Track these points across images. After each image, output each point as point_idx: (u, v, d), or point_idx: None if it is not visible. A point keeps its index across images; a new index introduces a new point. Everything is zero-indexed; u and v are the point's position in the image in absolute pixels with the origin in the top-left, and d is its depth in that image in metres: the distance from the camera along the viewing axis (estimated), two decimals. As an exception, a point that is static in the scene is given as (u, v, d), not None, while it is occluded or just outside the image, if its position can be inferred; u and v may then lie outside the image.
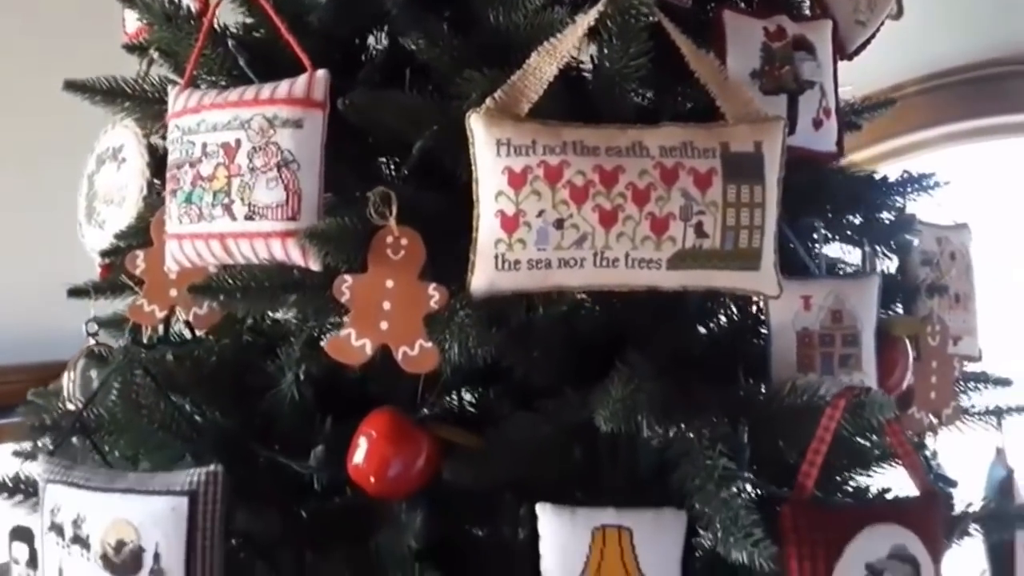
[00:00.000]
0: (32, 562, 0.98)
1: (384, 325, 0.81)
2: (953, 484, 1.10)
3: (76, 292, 1.12)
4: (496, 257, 0.79)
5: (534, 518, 0.82)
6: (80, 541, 0.77)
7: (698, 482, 0.79)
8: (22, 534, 0.98)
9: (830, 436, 0.80)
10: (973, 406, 1.17)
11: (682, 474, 0.82)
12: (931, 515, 0.82)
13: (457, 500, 0.86)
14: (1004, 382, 1.16)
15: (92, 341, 1.08)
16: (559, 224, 0.78)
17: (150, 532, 0.76)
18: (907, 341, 1.00)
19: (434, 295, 0.80)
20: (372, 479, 0.82)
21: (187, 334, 1.00)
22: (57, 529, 0.79)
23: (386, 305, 0.81)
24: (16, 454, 0.98)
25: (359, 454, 0.82)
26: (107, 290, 1.10)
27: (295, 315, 0.89)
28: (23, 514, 0.97)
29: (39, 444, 0.95)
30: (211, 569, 0.77)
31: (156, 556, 0.75)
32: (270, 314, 1.01)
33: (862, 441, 0.92)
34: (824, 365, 0.91)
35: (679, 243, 0.78)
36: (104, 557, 0.76)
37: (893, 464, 0.94)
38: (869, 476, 0.96)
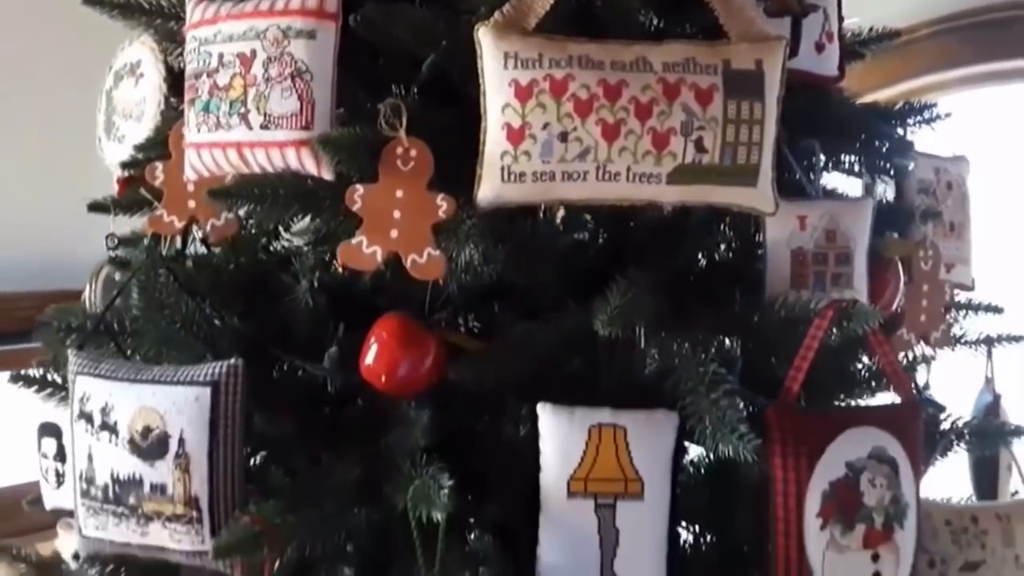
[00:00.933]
0: (60, 455, 1.03)
1: (394, 233, 0.84)
2: (941, 408, 1.15)
3: (96, 207, 1.15)
4: (502, 169, 0.82)
5: (534, 417, 0.87)
6: (108, 428, 0.83)
7: (690, 385, 0.84)
8: (50, 430, 1.04)
9: (816, 344, 0.84)
10: (964, 334, 1.21)
11: (675, 380, 0.86)
12: (912, 422, 0.87)
13: (462, 401, 0.91)
14: (995, 309, 1.20)
15: (112, 255, 1.11)
16: (563, 137, 0.81)
17: (175, 419, 0.81)
18: (899, 263, 1.03)
19: (442, 205, 0.84)
20: (383, 378, 0.86)
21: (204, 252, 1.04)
22: (87, 417, 0.84)
23: (396, 214, 0.84)
24: (15, 378, 1.01)
25: (371, 355, 0.87)
26: (126, 206, 1.13)
27: (310, 227, 0.93)
28: (51, 410, 1.03)
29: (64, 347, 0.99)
30: (233, 457, 0.82)
31: (181, 442, 0.81)
32: (284, 235, 1.06)
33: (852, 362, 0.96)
34: (817, 283, 0.95)
35: (679, 158, 0.81)
36: (131, 442, 0.82)
37: (882, 386, 0.98)
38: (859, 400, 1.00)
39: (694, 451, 1.05)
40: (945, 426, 1.05)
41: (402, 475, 0.84)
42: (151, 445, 0.81)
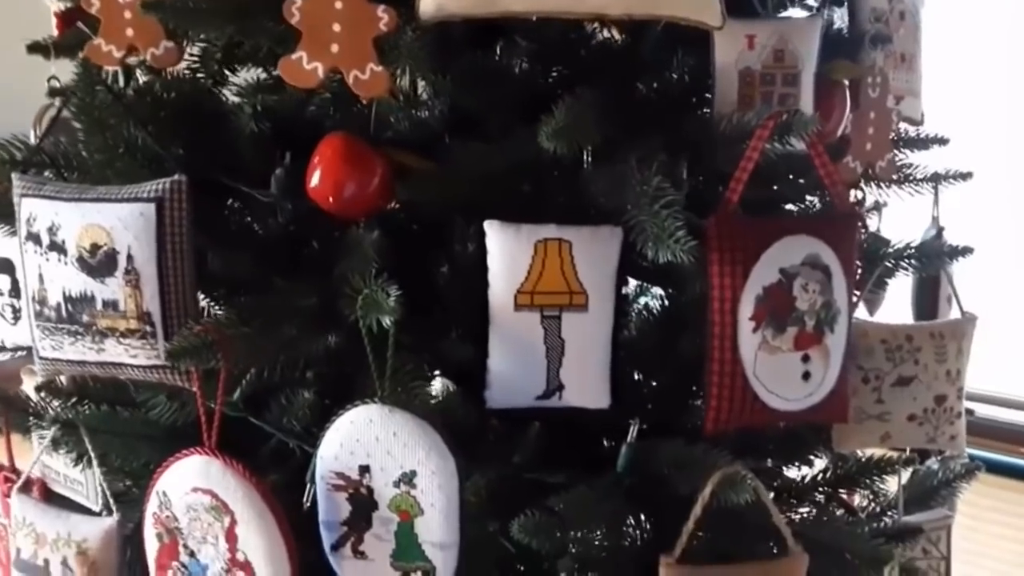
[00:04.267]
0: (15, 291, 1.04)
1: (335, 48, 0.83)
2: (887, 242, 1.18)
3: (35, 48, 1.12)
4: (445, -21, 0.80)
5: (482, 236, 0.88)
6: (57, 247, 0.83)
7: (633, 199, 0.85)
8: (4, 266, 1.05)
9: (756, 155, 0.85)
10: (912, 173, 1.23)
11: (620, 197, 0.88)
12: (847, 232, 0.89)
13: (412, 222, 0.92)
14: (941, 141, 1.21)
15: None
16: (505, -56, 0.79)
17: (122, 235, 0.81)
18: (846, 89, 1.03)
19: (383, 17, 0.82)
20: (330, 199, 0.87)
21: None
22: (34, 238, 0.85)
23: (336, 27, 0.83)
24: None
25: (316, 175, 0.87)
26: (66, 48, 1.10)
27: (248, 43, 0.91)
28: (3, 246, 1.03)
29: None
30: (182, 272, 0.84)
31: (129, 258, 0.81)
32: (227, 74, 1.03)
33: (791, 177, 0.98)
34: (764, 104, 0.95)
35: (624, -33, 0.80)
36: (80, 260, 0.82)
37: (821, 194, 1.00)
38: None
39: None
40: (894, 245, 1.09)
41: (355, 294, 0.86)
42: (100, 262, 0.82)
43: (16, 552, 0.94)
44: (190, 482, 0.81)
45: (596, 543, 0.96)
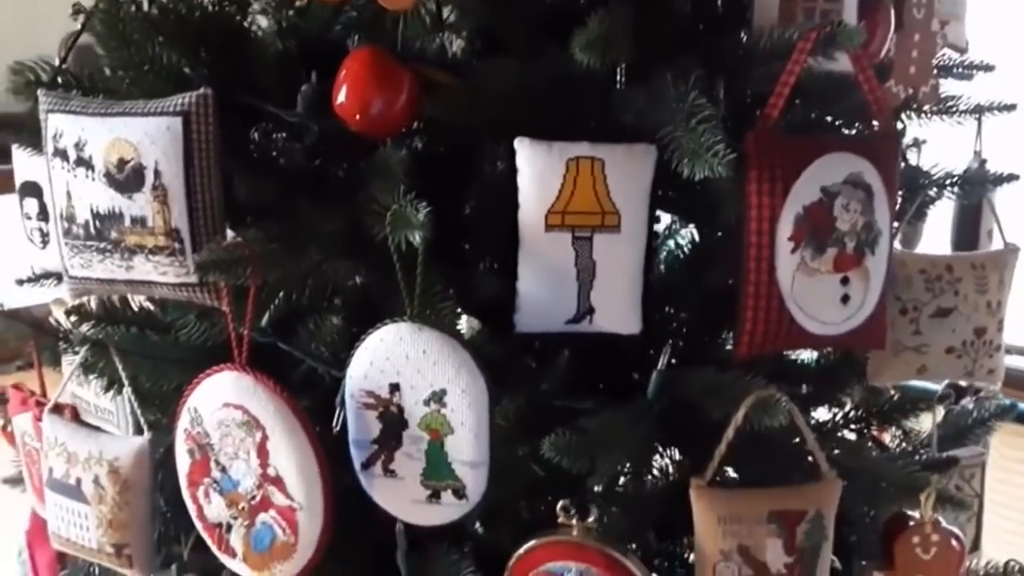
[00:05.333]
0: (43, 214, 1.04)
1: (361, -42, 0.81)
2: (927, 174, 1.14)
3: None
4: None
5: (512, 155, 0.86)
6: (84, 163, 0.82)
7: (669, 116, 0.83)
8: (31, 189, 1.04)
9: (799, 68, 0.82)
10: (955, 103, 1.19)
11: (655, 116, 0.85)
12: (890, 151, 0.86)
13: (438, 145, 0.90)
14: (987, 68, 1.17)
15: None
16: None
17: (148, 150, 0.80)
18: (891, 8, 0.99)
19: (411, -74, 0.80)
20: (357, 115, 0.85)
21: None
22: (61, 154, 0.84)
23: (363, -63, 0.80)
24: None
25: (343, 92, 0.85)
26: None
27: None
28: (31, 168, 1.03)
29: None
30: (210, 188, 0.82)
31: (157, 173, 0.80)
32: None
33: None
34: (805, 20, 0.92)
35: None
36: (108, 175, 0.81)
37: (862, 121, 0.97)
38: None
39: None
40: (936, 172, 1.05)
41: (384, 210, 0.84)
42: (127, 177, 0.81)
43: (48, 472, 0.95)
44: (221, 398, 0.81)
45: (621, 475, 0.96)
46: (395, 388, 0.81)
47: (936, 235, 1.21)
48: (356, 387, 0.83)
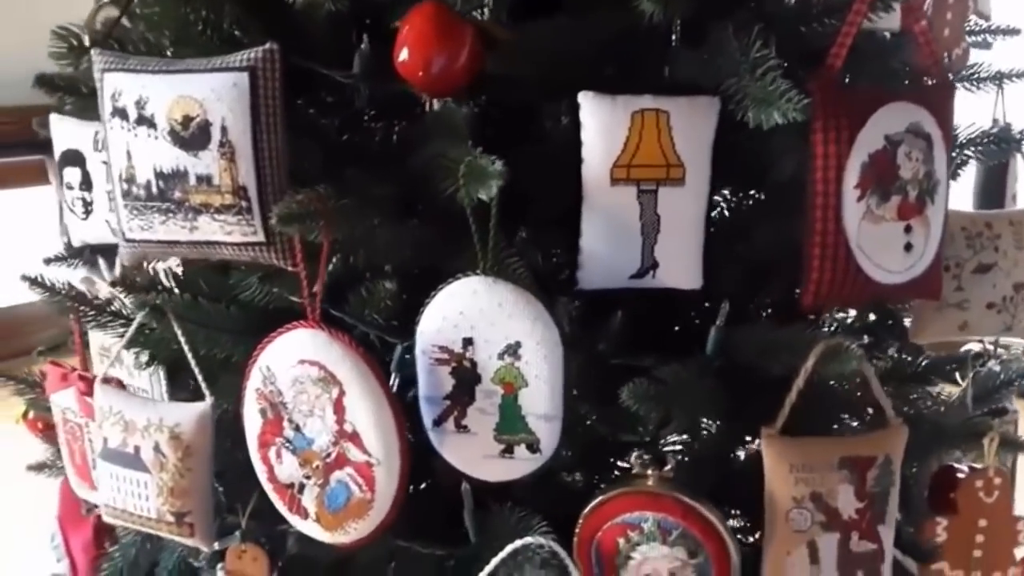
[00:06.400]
0: (86, 183, 1.02)
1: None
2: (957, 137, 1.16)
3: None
4: None
5: (575, 110, 0.86)
6: (146, 121, 0.81)
7: (731, 68, 0.83)
8: (72, 158, 1.02)
9: (860, 19, 0.83)
10: (976, 69, 1.21)
11: (717, 67, 0.86)
12: (946, 100, 0.88)
13: (501, 98, 0.90)
14: (1013, 31, 1.19)
15: None
16: None
17: (215, 107, 0.79)
18: (931, -32, 1.01)
19: None
20: (420, 72, 0.84)
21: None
22: (120, 113, 0.82)
23: None
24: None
25: (405, 50, 0.84)
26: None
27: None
28: (73, 136, 1.00)
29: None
30: (276, 146, 0.81)
31: (223, 130, 0.79)
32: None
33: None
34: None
35: None
36: (172, 133, 0.80)
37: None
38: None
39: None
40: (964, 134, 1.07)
41: (454, 164, 0.83)
42: (193, 135, 0.79)
43: (103, 442, 0.93)
44: (296, 355, 0.80)
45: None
46: (468, 342, 0.81)
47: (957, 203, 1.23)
48: (428, 343, 0.82)
